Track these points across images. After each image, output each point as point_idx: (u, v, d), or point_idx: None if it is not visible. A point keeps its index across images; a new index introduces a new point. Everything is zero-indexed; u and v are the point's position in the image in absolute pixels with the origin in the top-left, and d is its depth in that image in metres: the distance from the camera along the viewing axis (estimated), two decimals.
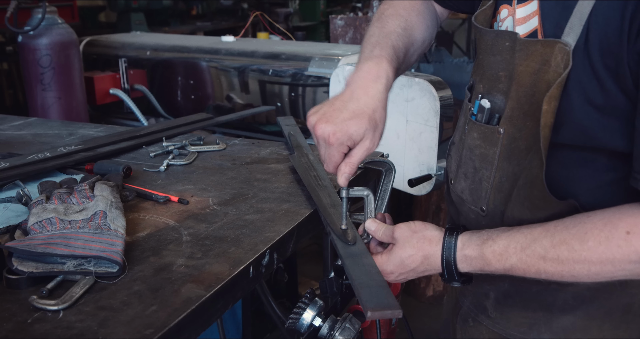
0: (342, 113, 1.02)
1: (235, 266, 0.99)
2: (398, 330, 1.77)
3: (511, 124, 1.03)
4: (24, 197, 1.26)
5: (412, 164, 2.23)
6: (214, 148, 1.68)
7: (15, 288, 0.93)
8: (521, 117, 1.01)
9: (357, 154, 1.04)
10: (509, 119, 1.04)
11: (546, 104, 0.94)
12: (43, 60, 3.01)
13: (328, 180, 1.35)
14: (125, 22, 5.85)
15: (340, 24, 4.03)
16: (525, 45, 0.98)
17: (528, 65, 0.98)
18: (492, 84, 1.08)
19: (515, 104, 1.02)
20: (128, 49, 3.72)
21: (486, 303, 1.18)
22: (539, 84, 0.96)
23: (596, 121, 0.94)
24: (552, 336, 1.11)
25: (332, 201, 1.24)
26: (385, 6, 1.29)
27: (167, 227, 1.16)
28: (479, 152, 1.11)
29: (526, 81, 0.99)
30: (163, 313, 0.85)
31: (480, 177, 1.12)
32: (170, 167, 1.53)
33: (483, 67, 1.11)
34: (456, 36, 8.36)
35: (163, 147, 1.64)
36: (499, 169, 1.07)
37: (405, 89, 2.22)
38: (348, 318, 1.22)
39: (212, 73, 3.33)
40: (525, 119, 1.00)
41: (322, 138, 1.02)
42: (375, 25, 1.23)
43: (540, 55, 0.96)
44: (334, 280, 1.35)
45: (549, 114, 0.94)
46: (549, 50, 0.94)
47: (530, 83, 0.98)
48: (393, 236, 1.05)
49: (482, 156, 1.10)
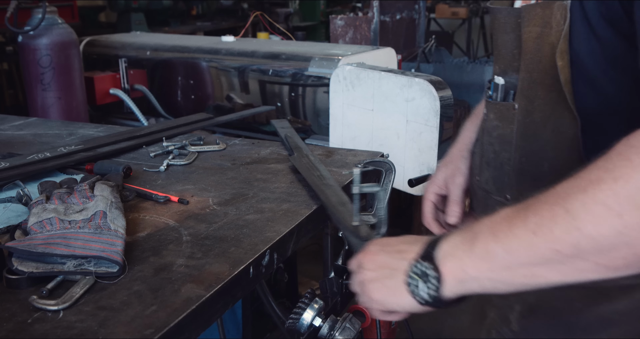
0: None
1: (235, 266, 0.99)
2: (398, 330, 1.77)
3: (524, 97, 1.01)
4: (24, 197, 1.26)
5: (412, 164, 2.23)
6: (214, 148, 1.68)
7: (15, 288, 0.93)
8: (533, 87, 0.99)
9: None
10: (521, 92, 1.02)
11: (560, 60, 0.92)
12: (43, 60, 3.01)
13: (332, 179, 1.35)
14: (125, 22, 5.85)
15: (340, 24, 4.03)
16: (527, 11, 0.98)
17: (531, 30, 0.97)
18: (507, 62, 1.07)
19: (525, 74, 1.00)
20: (128, 49, 3.72)
21: (510, 316, 1.13)
22: (544, 48, 0.95)
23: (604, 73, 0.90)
24: None
25: (340, 199, 1.23)
26: None
27: (167, 227, 1.16)
28: (496, 133, 1.10)
29: (531, 47, 0.98)
30: (163, 313, 0.85)
31: (501, 162, 1.09)
32: (170, 167, 1.53)
33: (498, 47, 1.11)
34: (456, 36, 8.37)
35: (163, 147, 1.64)
36: (518, 149, 1.04)
37: (405, 89, 2.22)
38: (348, 318, 1.22)
39: (212, 73, 3.33)
40: (536, 89, 0.98)
41: None
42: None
43: (541, 18, 0.95)
44: (334, 280, 1.35)
45: (565, 68, 0.92)
46: (548, 11, 0.94)
47: (534, 49, 0.97)
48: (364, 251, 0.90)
49: (500, 138, 1.09)
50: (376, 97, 2.36)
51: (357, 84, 2.40)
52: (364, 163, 1.51)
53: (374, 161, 1.49)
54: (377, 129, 2.38)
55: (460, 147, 1.34)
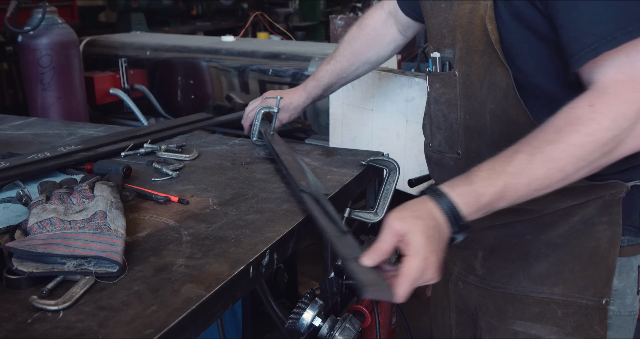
0: None
1: (235, 266, 0.99)
2: (398, 330, 1.77)
3: (463, 63, 1.19)
4: (24, 197, 1.26)
5: (412, 164, 2.23)
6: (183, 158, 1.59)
7: (16, 288, 0.93)
8: (469, 54, 1.17)
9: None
10: (459, 60, 1.20)
11: (489, 24, 1.10)
12: (43, 60, 3.02)
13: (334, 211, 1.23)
14: (125, 22, 5.85)
15: (340, 24, 4.03)
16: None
17: (465, 7, 1.16)
18: (439, 40, 1.26)
19: (462, 44, 1.18)
20: (128, 49, 3.72)
21: (475, 263, 1.29)
22: (475, 20, 1.13)
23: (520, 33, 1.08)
24: (530, 283, 1.21)
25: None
26: (348, 32, 1.71)
27: (167, 227, 1.16)
28: (444, 99, 1.27)
29: (465, 21, 1.16)
30: (163, 313, 0.85)
31: (451, 122, 1.26)
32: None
33: (430, 29, 1.31)
34: None
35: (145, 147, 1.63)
36: (462, 108, 1.22)
37: (405, 89, 2.22)
38: (348, 318, 1.22)
39: (212, 73, 3.33)
40: (472, 56, 1.16)
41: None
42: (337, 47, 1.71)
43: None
44: (334, 280, 1.35)
45: (494, 31, 1.10)
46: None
47: (467, 22, 1.15)
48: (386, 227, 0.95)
49: (448, 102, 1.26)
50: (376, 97, 2.36)
51: (357, 84, 2.39)
52: (368, 161, 1.51)
53: (378, 160, 1.49)
54: (377, 129, 2.38)
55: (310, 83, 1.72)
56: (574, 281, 1.17)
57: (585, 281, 1.16)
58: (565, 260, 1.17)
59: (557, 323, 1.19)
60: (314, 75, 1.73)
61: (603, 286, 1.15)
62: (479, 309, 1.31)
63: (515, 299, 1.23)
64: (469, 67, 1.18)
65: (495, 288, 1.26)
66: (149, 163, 1.54)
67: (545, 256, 1.19)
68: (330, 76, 1.70)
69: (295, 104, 1.73)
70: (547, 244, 1.19)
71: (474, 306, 1.32)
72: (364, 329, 1.43)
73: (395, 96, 2.26)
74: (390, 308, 1.57)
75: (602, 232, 1.14)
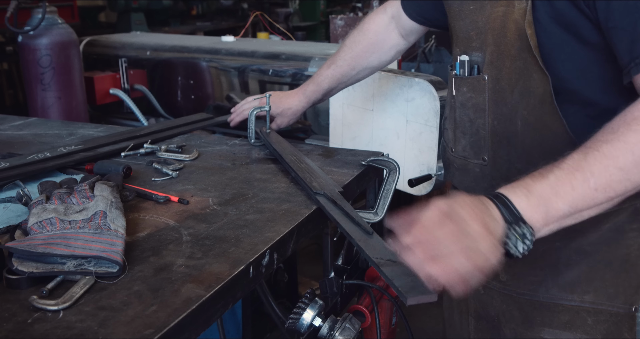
0: None
1: (235, 266, 0.99)
2: (398, 330, 1.77)
3: (493, 67, 1.16)
4: (24, 197, 1.26)
5: (412, 164, 2.23)
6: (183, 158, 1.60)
7: (15, 288, 0.93)
8: (500, 58, 1.14)
9: None
10: (490, 64, 1.17)
11: (529, 28, 1.06)
12: (43, 60, 3.02)
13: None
14: (125, 22, 5.85)
15: (340, 24, 4.03)
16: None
17: (498, 10, 1.12)
18: (466, 43, 1.23)
19: (493, 48, 1.15)
20: (128, 49, 3.72)
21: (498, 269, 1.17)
22: (508, 24, 1.10)
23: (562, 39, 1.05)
24: (559, 290, 1.19)
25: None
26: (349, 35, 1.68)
27: (167, 227, 1.16)
28: (471, 103, 1.24)
29: (497, 25, 1.13)
30: (163, 313, 0.85)
31: (477, 127, 1.23)
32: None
33: (456, 32, 1.27)
34: None
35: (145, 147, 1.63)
36: (490, 113, 1.19)
37: (405, 89, 2.22)
38: (348, 318, 1.22)
39: (212, 73, 3.33)
40: (503, 60, 1.13)
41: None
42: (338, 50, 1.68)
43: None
44: (334, 280, 1.35)
45: (533, 36, 1.06)
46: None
47: (500, 25, 1.12)
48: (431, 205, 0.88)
49: (475, 106, 1.23)
50: (376, 97, 2.36)
51: (357, 84, 2.39)
52: (368, 161, 1.51)
53: (378, 160, 1.49)
54: (377, 129, 2.38)
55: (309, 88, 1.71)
56: (604, 288, 1.16)
57: (616, 289, 1.15)
58: (596, 268, 1.16)
59: (587, 331, 1.18)
60: (314, 80, 1.71)
61: (633, 293, 1.15)
62: (502, 316, 1.28)
63: (544, 307, 1.21)
64: (499, 72, 1.15)
65: (521, 295, 1.24)
66: (149, 163, 1.54)
67: (576, 264, 1.17)
68: (330, 81, 1.69)
69: (294, 110, 1.72)
70: (577, 251, 1.17)
71: (495, 312, 1.30)
72: (364, 329, 1.43)
73: (395, 96, 2.26)
74: (390, 308, 1.57)
75: (633, 239, 1.14)
